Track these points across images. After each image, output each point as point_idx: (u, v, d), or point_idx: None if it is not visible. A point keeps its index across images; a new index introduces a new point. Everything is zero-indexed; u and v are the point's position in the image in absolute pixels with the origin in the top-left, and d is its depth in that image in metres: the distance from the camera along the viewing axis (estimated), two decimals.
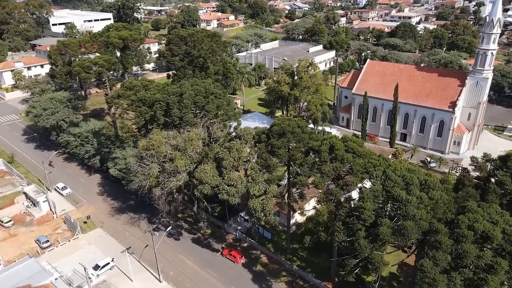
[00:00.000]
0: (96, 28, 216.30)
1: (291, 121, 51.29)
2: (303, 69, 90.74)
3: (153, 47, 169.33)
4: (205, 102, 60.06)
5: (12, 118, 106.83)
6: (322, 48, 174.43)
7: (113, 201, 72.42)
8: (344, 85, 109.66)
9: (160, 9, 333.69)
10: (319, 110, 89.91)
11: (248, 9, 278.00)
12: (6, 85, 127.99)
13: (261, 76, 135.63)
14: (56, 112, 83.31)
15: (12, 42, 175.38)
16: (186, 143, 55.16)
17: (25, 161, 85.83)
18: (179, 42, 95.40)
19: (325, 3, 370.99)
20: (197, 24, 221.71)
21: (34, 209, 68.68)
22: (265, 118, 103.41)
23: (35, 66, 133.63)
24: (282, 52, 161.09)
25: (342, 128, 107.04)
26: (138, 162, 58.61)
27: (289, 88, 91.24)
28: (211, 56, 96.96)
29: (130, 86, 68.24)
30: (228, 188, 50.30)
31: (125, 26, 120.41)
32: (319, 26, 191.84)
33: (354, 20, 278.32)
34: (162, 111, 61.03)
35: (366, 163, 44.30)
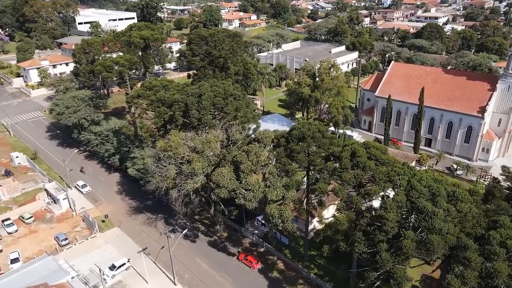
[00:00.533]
0: (120, 27, 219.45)
1: (311, 125, 49.75)
2: (324, 70, 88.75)
3: (174, 46, 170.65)
4: (224, 103, 59.20)
5: (37, 115, 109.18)
6: (344, 49, 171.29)
7: (131, 201, 72.61)
8: (366, 88, 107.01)
9: (183, 9, 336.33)
10: (341, 113, 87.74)
11: (270, 8, 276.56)
12: (32, 82, 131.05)
13: (282, 77, 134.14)
14: (78, 110, 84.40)
15: (39, 40, 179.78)
16: (204, 145, 54.42)
17: (48, 158, 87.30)
18: (200, 42, 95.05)
19: (348, 2, 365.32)
20: (219, 24, 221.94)
21: (54, 206, 69.55)
22: (285, 120, 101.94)
23: (60, 64, 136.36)
24: (303, 52, 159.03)
25: (364, 132, 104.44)
26: (156, 163, 58.31)
27: (310, 90, 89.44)
28: (231, 56, 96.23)
29: (150, 86, 68.13)
30: (245, 193, 49.22)
31: (147, 25, 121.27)
32: (342, 27, 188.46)
33: (378, 21, 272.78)
34: (180, 112, 60.55)
35: (389, 171, 42.32)
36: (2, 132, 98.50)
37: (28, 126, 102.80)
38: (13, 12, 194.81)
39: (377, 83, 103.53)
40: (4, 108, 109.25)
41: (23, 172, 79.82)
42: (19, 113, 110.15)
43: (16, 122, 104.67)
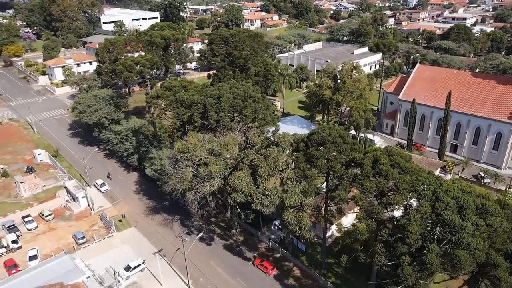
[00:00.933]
0: (144, 26, 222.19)
1: (332, 130, 48.13)
2: (346, 73, 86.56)
3: (196, 46, 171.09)
4: (243, 105, 58.23)
5: (60, 113, 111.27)
6: (367, 50, 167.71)
7: (148, 201, 72.64)
8: (390, 90, 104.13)
9: (205, 8, 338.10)
10: (362, 117, 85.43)
11: (293, 9, 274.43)
12: (57, 80, 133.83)
13: (303, 78, 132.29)
14: (99, 109, 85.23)
15: (65, 39, 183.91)
16: (221, 148, 53.59)
17: (69, 155, 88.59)
18: (221, 42, 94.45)
19: (372, 3, 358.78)
20: (241, 24, 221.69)
21: (73, 204, 70.28)
22: (304, 122, 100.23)
23: (84, 63, 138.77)
24: (325, 53, 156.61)
25: (386, 136, 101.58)
26: (173, 164, 57.88)
27: (331, 93, 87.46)
28: (252, 57, 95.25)
29: (169, 87, 67.89)
30: (262, 198, 48.08)
31: (169, 25, 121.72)
32: (366, 27, 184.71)
33: (403, 21, 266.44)
34: (199, 113, 59.96)
35: (413, 181, 40.35)
36: (27, 129, 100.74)
37: (51, 124, 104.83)
38: (40, 11, 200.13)
39: (401, 86, 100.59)
40: (29, 106, 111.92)
41: (45, 169, 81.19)
42: (43, 110, 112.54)
43: (40, 119, 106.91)
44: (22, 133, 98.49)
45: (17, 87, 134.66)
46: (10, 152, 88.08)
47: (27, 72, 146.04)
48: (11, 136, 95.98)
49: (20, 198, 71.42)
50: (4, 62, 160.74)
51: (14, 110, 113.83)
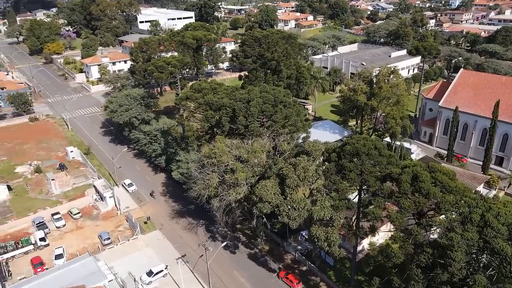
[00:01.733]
0: (178, 26, 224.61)
1: (367, 141, 44.85)
2: (383, 77, 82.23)
3: (228, 46, 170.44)
4: (273, 111, 55.89)
5: (93, 111, 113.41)
6: (406, 53, 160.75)
7: (174, 204, 71.85)
8: (429, 96, 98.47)
9: (240, 8, 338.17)
10: (399, 124, 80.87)
11: (328, 9, 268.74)
12: (92, 78, 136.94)
13: (336, 81, 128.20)
14: (130, 109, 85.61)
15: (103, 38, 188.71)
16: (249, 155, 51.54)
17: (100, 153, 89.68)
18: (253, 44, 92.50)
19: (412, 3, 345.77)
20: (275, 24, 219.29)
21: (101, 203, 70.61)
22: (337, 128, 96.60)
23: (119, 62, 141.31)
24: (360, 56, 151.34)
25: (423, 144, 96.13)
26: (199, 169, 56.49)
27: (366, 98, 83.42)
28: (284, 59, 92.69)
29: (199, 88, 66.64)
30: (289, 211, 45.56)
31: (202, 25, 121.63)
32: (405, 29, 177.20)
33: (445, 23, 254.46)
34: (227, 118, 58.20)
35: (458, 201, 36.54)
36: (62, 126, 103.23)
37: (85, 121, 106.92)
38: (81, 10, 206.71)
39: (442, 92, 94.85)
40: (64, 103, 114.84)
41: (76, 167, 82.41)
42: (77, 107, 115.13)
43: (74, 116, 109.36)
44: (57, 129, 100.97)
45: (55, 84, 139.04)
46: (45, 148, 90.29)
47: (66, 70, 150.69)
48: (46, 132, 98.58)
49: (51, 195, 72.63)
50: (44, 59, 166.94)
51: (51, 106, 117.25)
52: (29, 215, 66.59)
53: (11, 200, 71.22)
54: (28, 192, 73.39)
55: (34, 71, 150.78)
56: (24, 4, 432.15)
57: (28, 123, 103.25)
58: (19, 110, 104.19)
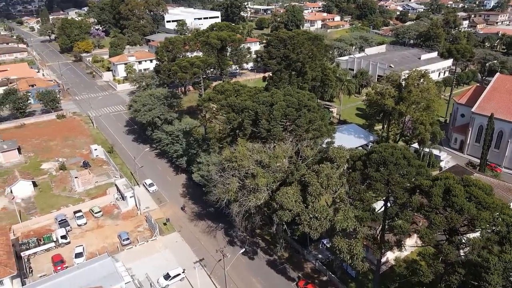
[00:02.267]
0: (205, 26, 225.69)
1: (395, 150, 42.45)
2: (413, 81, 78.81)
3: (254, 46, 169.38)
4: (297, 115, 54.13)
5: (118, 109, 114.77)
6: (436, 55, 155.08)
7: (194, 205, 71.25)
8: (462, 101, 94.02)
9: (266, 8, 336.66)
10: (429, 131, 77.35)
11: (356, 9, 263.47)
12: (119, 76, 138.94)
13: (363, 84, 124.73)
14: (153, 108, 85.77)
15: (130, 37, 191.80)
16: (271, 160, 50.05)
17: (123, 152, 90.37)
18: (278, 44, 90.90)
19: (444, 3, 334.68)
20: (301, 25, 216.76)
21: (121, 202, 70.83)
22: (362, 132, 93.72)
23: (145, 61, 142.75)
24: (389, 58, 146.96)
25: (454, 152, 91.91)
26: (219, 172, 55.49)
27: (394, 102, 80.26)
28: (310, 60, 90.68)
29: (222, 90, 65.74)
30: (310, 220, 43.76)
31: (227, 25, 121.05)
32: (436, 30, 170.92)
33: (479, 24, 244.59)
34: (250, 121, 56.90)
35: (495, 219, 33.82)
36: (87, 124, 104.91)
37: (109, 119, 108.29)
38: (110, 10, 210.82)
39: (475, 97, 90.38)
40: (91, 100, 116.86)
41: (99, 165, 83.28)
42: (103, 106, 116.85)
43: (100, 114, 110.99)
44: (83, 127, 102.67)
45: (83, 81, 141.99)
46: (70, 145, 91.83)
47: (94, 68, 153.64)
48: (72, 130, 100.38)
49: (74, 193, 73.54)
50: (74, 57, 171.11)
51: (78, 104, 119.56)
52: (52, 212, 67.55)
53: (36, 196, 72.56)
54: (52, 189, 74.59)
55: (63, 68, 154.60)
56: (57, 3, 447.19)
57: (55, 120, 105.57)
58: (48, 107, 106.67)
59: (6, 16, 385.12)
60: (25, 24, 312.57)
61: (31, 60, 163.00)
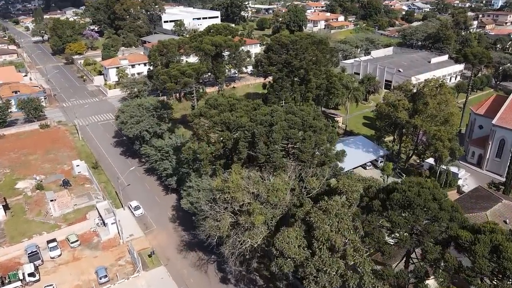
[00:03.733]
0: (204, 26, 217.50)
1: (422, 188, 34.46)
2: (430, 92, 70.69)
3: (254, 48, 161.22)
4: (300, 138, 46.09)
5: (107, 118, 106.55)
6: (447, 58, 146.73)
7: (184, 233, 63.30)
8: (480, 112, 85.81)
9: (268, 8, 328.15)
10: (447, 147, 69.26)
11: (360, 9, 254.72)
12: (110, 81, 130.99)
13: (370, 90, 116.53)
14: (141, 121, 77.68)
15: (125, 38, 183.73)
16: (269, 194, 42.05)
17: (108, 167, 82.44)
18: (279, 50, 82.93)
19: (450, 3, 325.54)
20: (303, 25, 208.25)
21: (102, 229, 62.96)
22: (370, 145, 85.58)
23: (138, 64, 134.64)
24: (397, 61, 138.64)
25: (471, 166, 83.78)
26: (210, 203, 47.60)
27: (408, 115, 72.17)
28: (314, 67, 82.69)
29: (215, 104, 57.72)
30: (317, 274, 35.74)
31: (226, 27, 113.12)
32: (446, 31, 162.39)
33: (488, 25, 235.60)
34: (245, 143, 48.91)
35: None
36: (73, 134, 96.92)
37: (97, 129, 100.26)
38: (106, 9, 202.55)
39: (495, 107, 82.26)
40: (79, 108, 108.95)
41: (81, 184, 75.39)
42: (92, 113, 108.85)
43: (87, 123, 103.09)
44: (67, 138, 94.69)
45: (73, 86, 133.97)
46: (51, 160, 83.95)
47: (85, 71, 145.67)
48: (56, 141, 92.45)
49: (49, 218, 65.65)
50: (65, 60, 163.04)
51: (65, 111, 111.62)
52: (23, 241, 59.72)
53: (6, 222, 64.67)
54: (26, 213, 66.72)
55: (53, 71, 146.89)
56: (55, 2, 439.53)
57: (38, 130, 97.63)
58: (30, 116, 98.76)
59: (4, 15, 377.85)
60: (21, 23, 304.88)
61: (20, 62, 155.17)
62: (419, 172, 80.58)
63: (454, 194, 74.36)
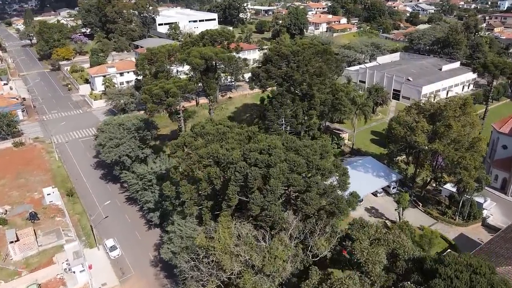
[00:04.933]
0: (200, 28, 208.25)
1: (476, 274, 24.89)
2: (453, 113, 61.09)
3: (252, 54, 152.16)
4: (305, 186, 36.49)
5: (89, 133, 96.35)
6: (459, 65, 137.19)
7: (167, 281, 53.73)
8: (504, 131, 76.30)
9: (267, 9, 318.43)
10: (473, 177, 59.76)
11: (363, 11, 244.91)
12: (97, 91, 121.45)
13: (378, 102, 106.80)
14: (121, 144, 68.02)
15: (117, 42, 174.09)
16: (266, 262, 32.53)
17: (85, 194, 72.81)
18: (279, 61, 73.42)
19: (455, 4, 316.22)
20: (305, 28, 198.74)
21: (70, 276, 53.43)
22: (381, 168, 76.06)
23: (127, 72, 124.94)
24: (405, 69, 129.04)
25: (494, 192, 74.30)
26: (192, 260, 38.12)
27: (427, 139, 62.60)
28: (318, 81, 73.21)
29: (202, 133, 48.22)
30: None
31: (221, 33, 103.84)
32: (456, 36, 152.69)
33: (496, 27, 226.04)
34: (236, 187, 39.33)
35: None
36: (49, 153, 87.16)
37: (77, 147, 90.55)
38: (97, 12, 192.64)
39: None
40: (58, 122, 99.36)
41: (51, 216, 65.78)
42: (73, 128, 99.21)
43: (67, 140, 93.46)
44: (43, 158, 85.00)
45: (56, 96, 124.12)
46: (21, 185, 74.34)
47: (71, 79, 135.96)
48: (29, 163, 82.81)
49: (9, 262, 56.04)
50: (51, 66, 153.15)
51: (44, 125, 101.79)
52: None
53: None
54: None
55: (37, 79, 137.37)
56: (50, 2, 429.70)
57: (12, 148, 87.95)
58: (2, 133, 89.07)
59: None
60: (14, 25, 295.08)
61: (3, 69, 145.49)
62: (437, 201, 71.27)
63: (479, 229, 65.05)
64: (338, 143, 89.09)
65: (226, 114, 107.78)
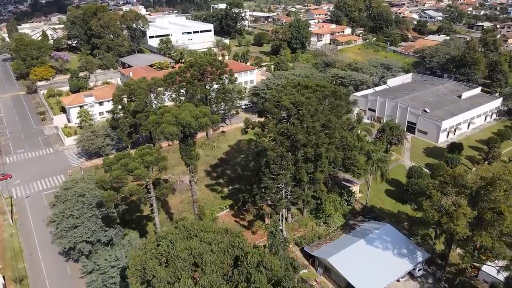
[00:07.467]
0: (195, 40, 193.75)
1: None
2: (506, 199, 46.83)
3: (249, 75, 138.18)
4: None
5: (57, 183, 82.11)
6: (480, 91, 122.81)
7: None
8: None
9: (267, 16, 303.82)
10: None
11: (369, 20, 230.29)
12: (73, 123, 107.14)
13: (392, 142, 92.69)
14: (78, 225, 53.60)
15: (102, 59, 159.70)
16: None
17: (38, 280, 58.47)
18: (279, 114, 59.23)
19: (464, 10, 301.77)
20: (307, 42, 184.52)
21: None
22: (403, 242, 62.31)
23: (107, 101, 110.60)
24: (420, 97, 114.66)
25: None
26: None
27: (468, 228, 48.36)
28: (328, 140, 59.03)
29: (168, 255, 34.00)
30: None
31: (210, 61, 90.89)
32: (473, 55, 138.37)
33: (510, 38, 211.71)
34: None
35: None
36: (3, 214, 72.77)
37: (38, 204, 76.05)
38: (82, 24, 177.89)
39: None
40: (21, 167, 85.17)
41: None
42: (37, 175, 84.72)
43: (28, 193, 79.20)
44: None
45: (27, 128, 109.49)
46: None
47: (46, 106, 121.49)
48: None
49: None
50: (27, 89, 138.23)
51: (6, 170, 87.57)
52: None
53: None
54: None
55: (10, 104, 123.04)
56: (41, 7, 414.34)
57: None
58: None
59: None
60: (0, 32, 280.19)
61: None
62: None
63: None
64: (348, 200, 75.05)
65: (218, 155, 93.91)
